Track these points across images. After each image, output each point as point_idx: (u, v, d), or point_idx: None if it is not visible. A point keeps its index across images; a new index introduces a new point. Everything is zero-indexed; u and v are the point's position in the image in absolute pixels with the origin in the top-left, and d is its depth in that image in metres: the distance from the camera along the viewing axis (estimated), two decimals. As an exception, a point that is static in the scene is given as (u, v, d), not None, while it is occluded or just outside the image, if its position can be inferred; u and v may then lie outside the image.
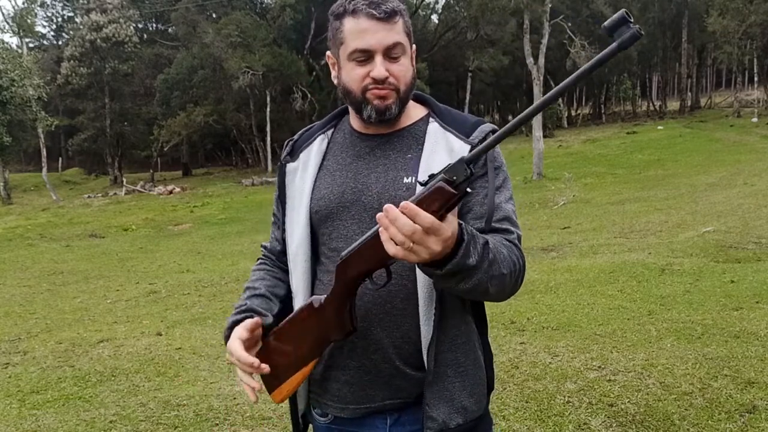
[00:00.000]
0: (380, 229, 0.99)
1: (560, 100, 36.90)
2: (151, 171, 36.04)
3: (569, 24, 23.35)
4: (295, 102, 29.44)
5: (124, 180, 31.90)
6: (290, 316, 1.23)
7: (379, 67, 1.18)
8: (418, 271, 1.19)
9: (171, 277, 9.69)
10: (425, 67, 30.73)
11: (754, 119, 29.19)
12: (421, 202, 0.97)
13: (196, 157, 44.36)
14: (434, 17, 41.83)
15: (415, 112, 1.31)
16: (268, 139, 30.92)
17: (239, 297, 1.36)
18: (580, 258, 7.59)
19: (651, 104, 45.02)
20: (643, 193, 14.30)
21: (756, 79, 36.52)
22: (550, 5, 21.27)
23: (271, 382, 1.25)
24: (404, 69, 1.22)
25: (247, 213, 18.63)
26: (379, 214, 0.98)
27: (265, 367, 1.18)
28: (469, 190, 0.99)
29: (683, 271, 6.23)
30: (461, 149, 1.22)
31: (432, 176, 1.00)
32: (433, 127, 1.27)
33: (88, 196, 27.68)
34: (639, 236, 8.91)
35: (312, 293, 1.29)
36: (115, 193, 28.26)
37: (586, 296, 5.68)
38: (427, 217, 0.95)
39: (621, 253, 7.61)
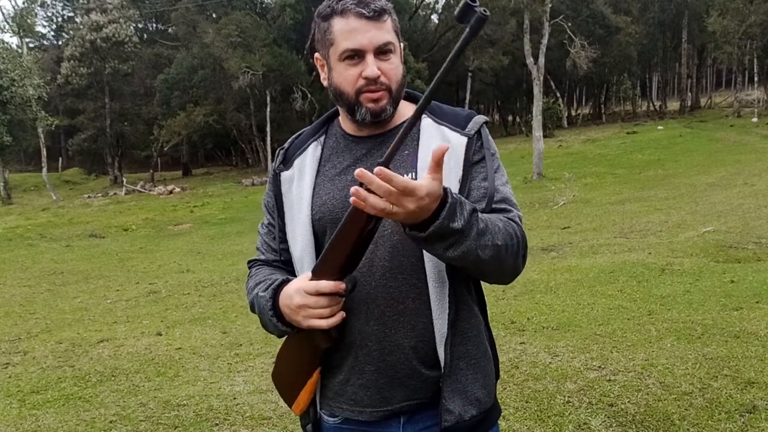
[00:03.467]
0: (353, 199, 1.00)
1: (560, 100, 36.92)
2: (151, 171, 36.03)
3: (569, 24, 23.35)
4: (295, 102, 29.45)
5: (124, 180, 31.90)
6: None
7: (371, 66, 1.18)
8: (428, 267, 1.20)
9: (171, 277, 9.69)
10: (425, 67, 30.71)
11: (754, 119, 29.20)
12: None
13: (196, 157, 44.36)
14: (434, 17, 41.86)
15: (405, 109, 1.31)
16: (268, 139, 30.90)
17: (251, 295, 1.31)
18: (580, 258, 7.59)
19: (651, 104, 45.04)
20: (643, 193, 14.30)
21: (756, 79, 36.53)
22: (550, 5, 21.27)
23: (289, 394, 1.28)
24: (395, 67, 1.21)
25: (247, 213, 18.63)
26: (353, 188, 0.99)
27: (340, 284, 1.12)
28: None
29: (683, 271, 6.23)
30: (458, 141, 1.23)
31: None
32: (427, 123, 1.27)
33: (88, 196, 27.68)
34: (639, 236, 8.91)
35: None
36: (115, 193, 28.26)
37: (586, 296, 5.68)
38: (402, 180, 0.96)
39: (621, 253, 7.61)
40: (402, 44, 1.27)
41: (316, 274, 1.13)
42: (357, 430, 1.29)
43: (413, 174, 1.22)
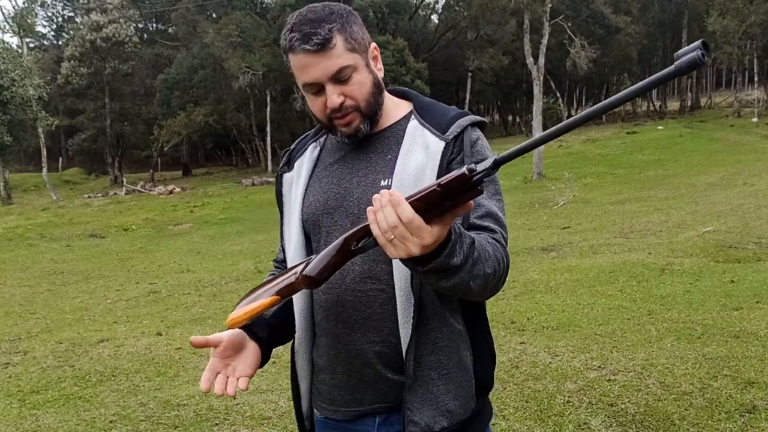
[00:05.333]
0: (368, 209, 0.96)
1: (560, 100, 36.92)
2: (151, 171, 36.04)
3: (569, 24, 23.35)
4: (295, 102, 29.42)
5: (124, 180, 31.90)
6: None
7: (330, 97, 1.18)
8: (395, 275, 1.18)
9: (171, 277, 9.69)
10: (425, 67, 30.73)
11: (754, 119, 29.20)
12: (437, 183, 0.93)
13: (196, 157, 44.37)
14: (434, 17, 41.87)
15: (397, 110, 1.29)
16: (268, 139, 30.90)
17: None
18: (580, 258, 7.59)
19: (651, 104, 45.04)
20: (643, 193, 14.29)
21: (756, 79, 36.53)
22: (550, 5, 21.26)
23: (239, 304, 1.18)
24: (358, 86, 1.19)
25: (247, 213, 18.64)
26: (375, 195, 0.95)
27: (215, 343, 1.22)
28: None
29: (683, 271, 6.23)
30: (436, 146, 1.19)
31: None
32: (412, 125, 1.25)
33: (88, 196, 27.68)
34: (639, 236, 8.91)
35: (311, 299, 1.30)
36: (115, 193, 28.26)
37: (586, 296, 5.68)
38: (407, 211, 0.91)
39: (621, 253, 7.61)
40: (372, 45, 1.23)
41: (306, 274, 1.07)
42: (337, 427, 1.31)
43: (389, 181, 1.20)
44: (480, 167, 0.91)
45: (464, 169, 0.90)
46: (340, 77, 1.17)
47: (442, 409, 1.20)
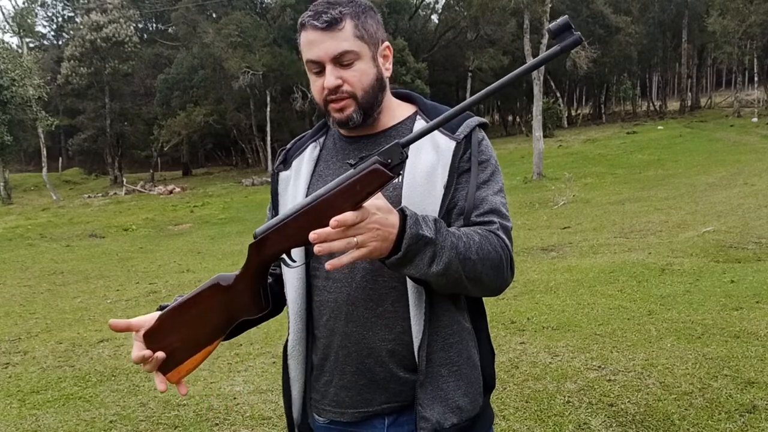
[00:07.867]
0: (317, 250, 0.99)
1: (560, 100, 36.91)
2: (151, 171, 36.05)
3: (569, 24, 23.30)
4: (295, 102, 29.45)
5: (124, 180, 31.90)
6: (190, 294, 1.17)
7: (327, 77, 1.19)
8: None
9: (171, 277, 9.68)
10: (425, 67, 30.73)
11: (754, 119, 29.20)
12: (355, 183, 0.98)
13: (196, 157, 44.37)
14: (434, 17, 41.86)
15: (401, 111, 1.31)
16: (268, 139, 30.92)
17: None
18: (580, 258, 7.59)
19: (651, 104, 45.04)
20: (643, 193, 14.29)
21: (756, 79, 36.53)
22: (550, 5, 21.25)
23: (167, 363, 1.15)
24: (359, 74, 1.20)
25: (247, 213, 18.63)
26: (316, 247, 0.98)
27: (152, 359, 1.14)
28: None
29: (683, 271, 6.24)
30: (447, 145, 1.21)
31: (362, 158, 1.01)
32: (420, 125, 1.26)
33: (88, 196, 27.67)
34: (639, 236, 8.91)
35: (308, 301, 1.29)
36: (115, 193, 28.26)
37: (586, 296, 5.68)
38: (352, 215, 0.97)
39: (621, 253, 7.61)
40: (386, 43, 1.25)
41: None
42: (344, 431, 1.30)
43: (400, 179, 1.21)
44: (393, 159, 1.00)
45: (387, 172, 0.99)
46: (341, 60, 1.19)
47: (452, 405, 1.21)
